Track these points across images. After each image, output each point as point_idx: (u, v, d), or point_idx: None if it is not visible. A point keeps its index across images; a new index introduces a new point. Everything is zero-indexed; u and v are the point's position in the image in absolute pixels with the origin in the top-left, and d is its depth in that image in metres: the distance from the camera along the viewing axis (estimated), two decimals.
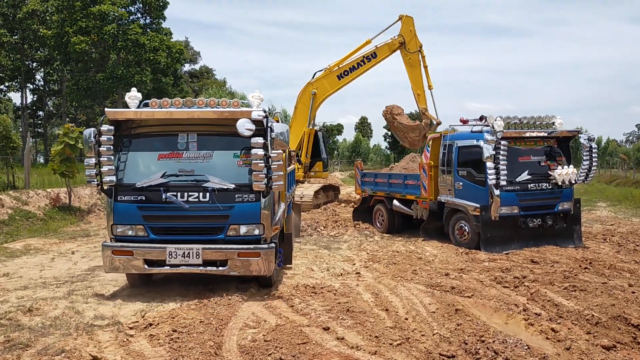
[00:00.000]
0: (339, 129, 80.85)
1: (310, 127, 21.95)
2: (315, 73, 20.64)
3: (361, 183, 16.92)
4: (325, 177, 25.15)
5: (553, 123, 12.61)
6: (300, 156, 21.15)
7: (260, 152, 7.55)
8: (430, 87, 17.76)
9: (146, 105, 8.36)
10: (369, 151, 78.64)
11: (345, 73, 20.04)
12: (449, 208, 13.11)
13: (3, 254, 11.86)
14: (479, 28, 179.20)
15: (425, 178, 13.75)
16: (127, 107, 8.30)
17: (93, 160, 7.89)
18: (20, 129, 49.01)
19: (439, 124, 17.20)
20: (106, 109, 8.19)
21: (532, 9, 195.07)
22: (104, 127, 7.91)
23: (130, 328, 6.49)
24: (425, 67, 18.81)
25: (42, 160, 52.90)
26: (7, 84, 49.87)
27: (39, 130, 58.87)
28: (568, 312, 7.12)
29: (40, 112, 57.31)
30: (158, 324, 6.55)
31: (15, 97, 65.13)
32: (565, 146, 12.89)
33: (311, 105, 20.76)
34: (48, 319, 7.00)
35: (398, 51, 19.64)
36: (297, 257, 11.39)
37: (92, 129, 8.01)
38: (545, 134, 12.44)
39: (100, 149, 7.86)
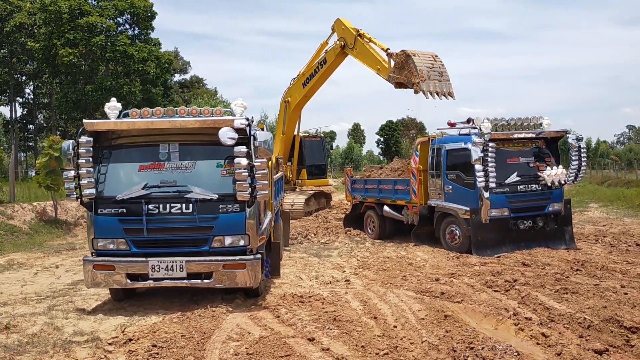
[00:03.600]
0: (331, 136, 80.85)
1: (296, 134, 21.84)
2: (292, 80, 20.01)
3: (351, 190, 16.79)
4: (326, 184, 25.04)
5: (541, 124, 12.53)
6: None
7: (244, 161, 7.36)
8: (385, 49, 16.02)
9: (126, 115, 8.20)
10: (362, 158, 78.64)
11: (307, 80, 19.19)
12: (439, 212, 12.98)
13: None
14: (469, 34, 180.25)
15: (415, 182, 13.63)
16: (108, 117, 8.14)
17: (72, 173, 7.70)
18: (5, 144, 48.62)
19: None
20: (84, 120, 8.01)
21: (522, 14, 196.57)
22: (83, 139, 7.73)
23: (110, 344, 6.30)
24: (371, 39, 16.89)
25: (32, 174, 52.51)
26: None
27: (30, 143, 58.46)
28: (560, 316, 6.97)
29: (31, 126, 56.93)
30: (138, 339, 6.36)
31: (5, 111, 64.73)
32: (553, 147, 12.80)
33: (285, 113, 20.35)
34: (25, 336, 6.78)
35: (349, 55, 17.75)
36: (286, 266, 11.22)
37: (71, 140, 7.83)
38: (533, 135, 12.37)
39: (79, 161, 7.67)
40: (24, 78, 50.43)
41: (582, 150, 12.39)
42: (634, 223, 16.99)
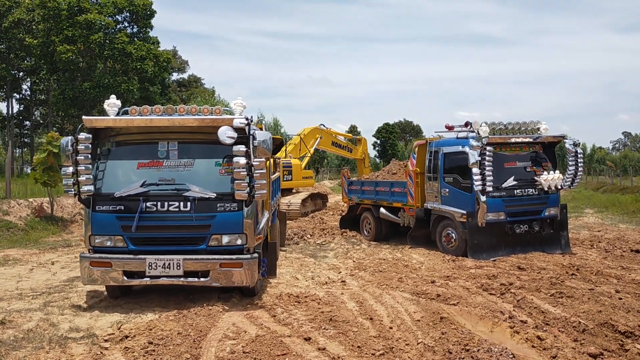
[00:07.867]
0: None
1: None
2: (321, 124, 25.22)
3: (348, 191, 16.82)
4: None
5: (538, 129, 12.55)
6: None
7: (243, 160, 7.38)
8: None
9: (125, 112, 8.20)
10: None
11: (337, 145, 26.06)
12: (435, 215, 13.00)
13: None
14: (467, 38, 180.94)
15: (412, 185, 13.66)
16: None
17: (71, 169, 7.70)
18: (1, 140, 48.40)
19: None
20: (84, 117, 8.01)
21: (519, 19, 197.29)
22: (82, 135, 7.73)
23: (106, 340, 6.31)
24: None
25: (28, 170, 52.27)
26: None
27: (26, 140, 58.29)
28: (555, 319, 7.00)
29: (27, 122, 56.75)
30: (134, 336, 6.36)
31: (2, 107, 64.51)
32: (550, 152, 12.84)
33: (316, 144, 24.69)
34: (21, 332, 6.77)
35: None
36: (282, 266, 11.23)
37: (70, 137, 7.82)
38: (531, 140, 12.39)
39: (78, 157, 7.67)
40: (21, 74, 50.27)
41: (579, 155, 12.42)
42: (629, 229, 17.08)
